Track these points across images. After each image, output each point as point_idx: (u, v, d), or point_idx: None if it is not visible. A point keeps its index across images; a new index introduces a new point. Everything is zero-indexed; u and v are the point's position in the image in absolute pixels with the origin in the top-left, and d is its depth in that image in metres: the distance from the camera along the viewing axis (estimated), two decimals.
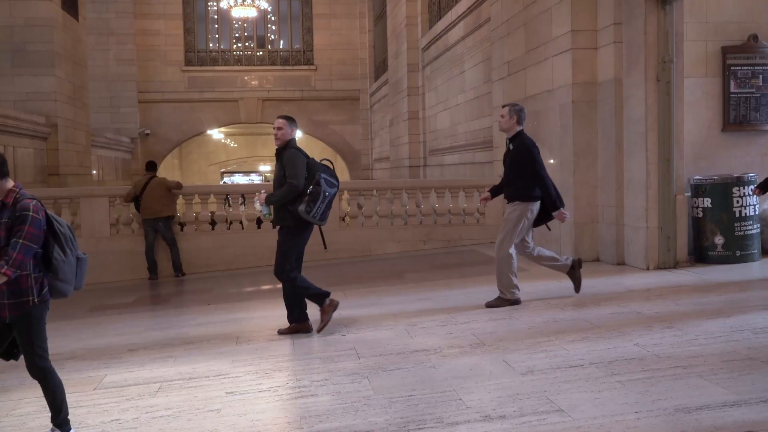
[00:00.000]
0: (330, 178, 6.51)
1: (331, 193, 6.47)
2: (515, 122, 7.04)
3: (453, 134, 17.08)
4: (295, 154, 6.57)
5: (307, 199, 6.36)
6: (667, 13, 8.41)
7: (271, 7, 28.38)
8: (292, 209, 6.43)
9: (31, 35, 17.03)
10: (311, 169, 6.48)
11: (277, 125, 6.73)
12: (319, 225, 6.63)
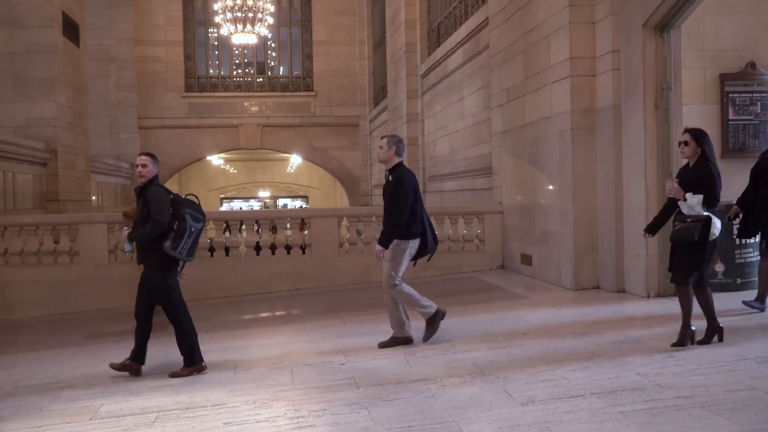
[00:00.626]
0: (195, 213, 6.46)
1: (197, 228, 6.41)
2: (394, 153, 6.89)
3: (452, 160, 17.10)
4: (158, 190, 6.48)
5: (172, 235, 6.28)
6: (665, 41, 8.45)
7: (271, 33, 28.54)
8: (157, 246, 6.31)
9: (33, 62, 17.12)
10: (176, 204, 6.41)
11: (141, 162, 6.55)
12: (186, 261, 6.49)
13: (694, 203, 5.81)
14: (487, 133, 13.69)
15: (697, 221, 5.79)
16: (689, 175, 6.00)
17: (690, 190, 5.86)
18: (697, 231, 5.76)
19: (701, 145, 5.98)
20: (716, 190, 5.82)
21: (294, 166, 37.89)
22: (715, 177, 5.84)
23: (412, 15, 20.06)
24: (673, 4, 8.04)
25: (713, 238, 5.79)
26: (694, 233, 5.78)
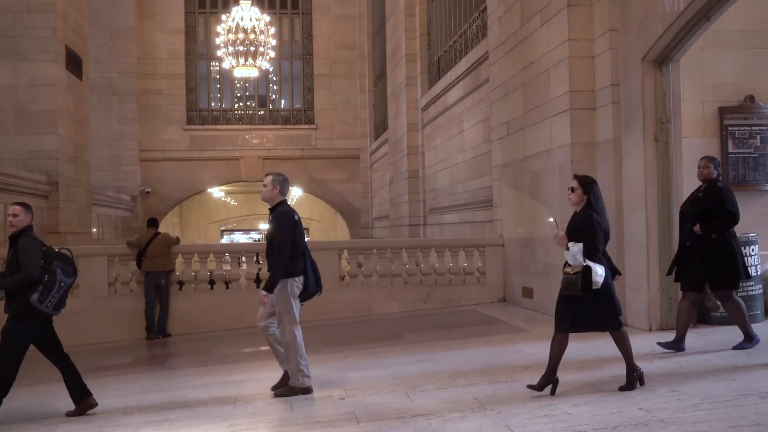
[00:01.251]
0: (67, 267, 6.35)
1: (67, 283, 6.31)
2: (278, 192, 6.74)
3: (453, 193, 17.12)
4: (29, 242, 6.35)
5: (41, 288, 6.17)
6: (663, 75, 8.51)
7: (273, 67, 28.76)
8: (23, 298, 6.20)
9: (35, 95, 17.21)
10: (48, 257, 6.30)
11: (12, 212, 6.42)
12: (53, 314, 6.38)
13: (575, 252, 5.68)
14: (487, 166, 13.73)
15: (578, 272, 5.66)
16: (571, 223, 5.90)
17: (573, 239, 5.75)
18: (579, 282, 5.63)
19: (587, 193, 5.88)
20: (596, 240, 5.67)
21: (295, 198, 37.92)
22: (595, 227, 5.70)
23: (412, 49, 20.24)
24: (671, 39, 8.11)
25: (597, 287, 5.59)
26: (577, 284, 5.64)
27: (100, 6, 26.84)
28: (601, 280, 5.62)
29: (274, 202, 6.75)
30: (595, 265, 5.63)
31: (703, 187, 7.33)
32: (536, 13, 10.46)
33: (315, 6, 30.45)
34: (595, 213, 5.80)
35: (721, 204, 7.12)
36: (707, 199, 7.20)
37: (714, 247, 7.12)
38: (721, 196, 7.16)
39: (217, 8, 29.80)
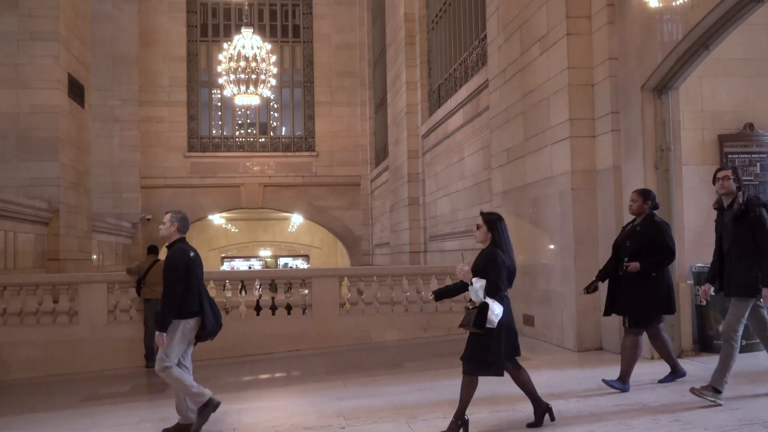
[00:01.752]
0: None
1: None
2: (176, 229, 6.73)
3: (453, 220, 17.12)
4: None
5: None
6: (663, 102, 8.54)
7: (274, 94, 28.92)
8: None
9: (37, 122, 17.29)
10: None
11: None
12: None
13: (477, 288, 5.61)
14: (487, 193, 13.74)
15: (476, 308, 5.58)
16: (477, 259, 5.84)
17: (477, 275, 5.68)
18: (473, 317, 5.55)
19: (492, 230, 5.81)
20: (499, 278, 5.60)
21: (295, 225, 37.97)
22: (500, 264, 5.63)
23: (412, 77, 20.36)
24: (670, 67, 8.16)
25: (492, 325, 5.50)
26: (471, 319, 5.56)
27: (103, 34, 27.09)
28: (497, 319, 5.51)
29: (172, 240, 6.71)
30: (494, 303, 5.53)
31: (639, 221, 7.17)
32: (536, 42, 10.54)
33: (316, 34, 30.69)
34: (499, 250, 5.71)
35: (661, 239, 7.02)
36: (645, 234, 7.04)
37: (648, 282, 6.96)
38: (660, 231, 7.05)
39: (219, 37, 30.04)
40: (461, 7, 16.75)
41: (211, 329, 6.56)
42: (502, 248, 5.75)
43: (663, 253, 7.00)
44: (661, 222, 7.19)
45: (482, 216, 5.93)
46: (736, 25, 7.50)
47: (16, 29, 17.20)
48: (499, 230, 5.83)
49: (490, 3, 12.79)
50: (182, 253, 6.59)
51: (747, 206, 6.35)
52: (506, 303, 5.67)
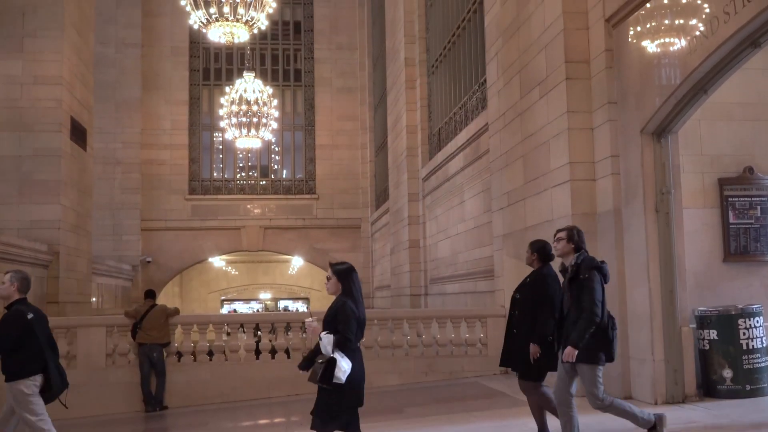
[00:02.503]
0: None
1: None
2: (15, 289, 6.60)
3: (454, 263, 17.09)
4: None
5: None
6: (662, 146, 8.57)
7: (275, 137, 29.14)
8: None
9: (39, 165, 17.34)
10: None
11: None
12: None
13: (325, 344, 5.48)
14: (488, 236, 13.74)
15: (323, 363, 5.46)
16: (328, 310, 5.71)
17: (328, 328, 5.55)
18: (320, 373, 5.43)
19: (342, 281, 5.70)
20: (349, 331, 5.48)
21: (295, 267, 37.91)
22: (349, 316, 5.50)
23: (413, 120, 20.50)
24: (669, 111, 8.21)
25: (339, 381, 5.38)
26: (318, 374, 5.44)
27: (106, 78, 27.36)
28: (344, 375, 5.40)
29: (11, 300, 6.60)
30: (343, 359, 5.42)
31: (530, 273, 7.01)
32: (535, 86, 10.62)
33: (317, 79, 31.00)
34: (350, 302, 5.60)
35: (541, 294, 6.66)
36: (532, 287, 6.78)
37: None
38: (544, 286, 6.69)
39: (221, 81, 30.33)
40: (461, 51, 16.93)
41: (57, 389, 6.53)
42: (354, 298, 5.63)
43: (542, 309, 6.61)
44: (547, 275, 6.81)
45: (332, 267, 5.80)
46: (734, 70, 7.56)
47: (20, 73, 17.35)
48: (351, 280, 5.71)
49: (490, 48, 12.93)
50: (17, 318, 6.48)
51: (578, 268, 6.18)
52: (357, 355, 5.57)
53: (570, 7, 9.60)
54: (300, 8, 31.62)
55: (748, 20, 6.71)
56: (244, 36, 13.49)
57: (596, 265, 6.21)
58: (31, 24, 17.46)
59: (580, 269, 6.18)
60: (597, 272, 6.17)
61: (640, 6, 8.47)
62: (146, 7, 29.65)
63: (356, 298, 5.65)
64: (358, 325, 5.59)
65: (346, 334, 5.48)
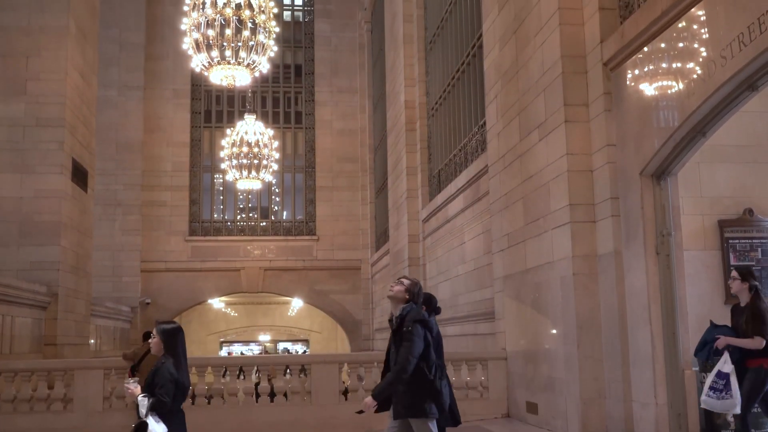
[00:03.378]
0: None
1: None
2: None
3: (454, 305, 17.01)
4: None
5: None
6: (662, 188, 8.60)
7: (276, 179, 29.24)
8: None
9: (40, 206, 17.37)
10: None
11: None
12: None
13: (141, 406, 5.37)
14: (488, 278, 13.70)
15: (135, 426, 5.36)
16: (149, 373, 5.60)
17: (148, 390, 5.45)
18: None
19: (166, 341, 5.61)
20: (164, 394, 5.39)
21: (295, 309, 37.73)
22: (166, 377, 5.42)
23: (413, 162, 20.58)
24: (668, 154, 8.24)
25: None
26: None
27: (108, 120, 27.58)
28: None
29: None
30: (157, 423, 5.31)
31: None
32: (535, 129, 10.69)
33: (318, 121, 31.22)
34: (170, 363, 5.53)
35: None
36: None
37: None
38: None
39: (222, 123, 30.55)
40: (461, 94, 17.07)
41: None
42: (176, 360, 5.56)
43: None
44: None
45: (157, 326, 5.72)
46: (732, 113, 7.62)
47: (23, 115, 17.47)
48: (176, 342, 5.64)
49: (489, 90, 13.04)
50: None
51: (403, 320, 6.12)
52: (176, 418, 5.50)
53: (568, 51, 9.70)
54: (301, 52, 31.98)
55: (745, 64, 6.78)
56: (246, 79, 13.60)
57: (420, 319, 6.09)
58: (34, 67, 17.64)
59: (404, 321, 6.09)
60: (420, 325, 6.06)
61: (637, 50, 8.56)
62: (149, 50, 29.98)
63: (179, 361, 5.56)
64: (177, 388, 5.48)
65: (161, 398, 5.38)
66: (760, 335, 7.26)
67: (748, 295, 7.50)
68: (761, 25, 6.49)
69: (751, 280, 7.50)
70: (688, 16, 7.69)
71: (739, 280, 7.54)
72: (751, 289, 7.48)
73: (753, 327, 7.32)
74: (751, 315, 7.37)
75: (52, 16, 17.87)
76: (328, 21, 31.71)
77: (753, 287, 7.48)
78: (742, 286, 7.52)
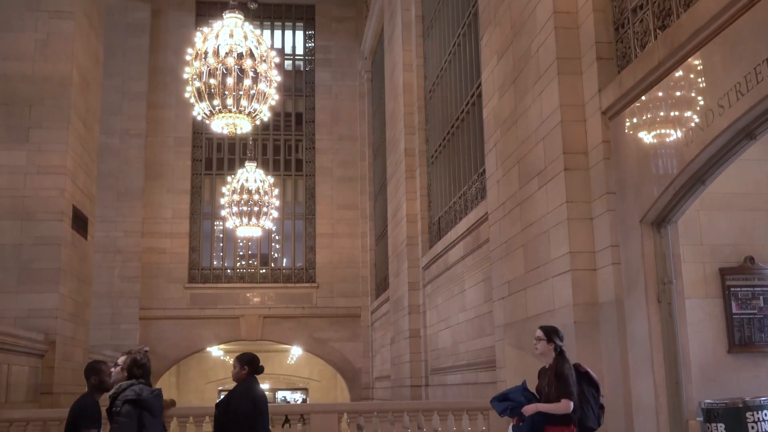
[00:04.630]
0: None
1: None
2: None
3: (455, 353, 16.87)
4: None
5: None
6: (662, 236, 8.58)
7: (276, 226, 29.25)
8: None
9: (39, 253, 17.33)
10: None
11: None
12: None
13: None
14: (489, 326, 13.61)
15: None
16: None
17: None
18: None
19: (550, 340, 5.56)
20: None
21: (294, 357, 37.43)
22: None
23: (413, 210, 20.62)
24: (667, 202, 8.25)
25: None
26: None
27: (109, 168, 27.75)
28: None
29: None
30: None
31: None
32: (534, 176, 10.72)
33: (318, 168, 31.36)
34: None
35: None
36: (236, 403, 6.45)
37: None
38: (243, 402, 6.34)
39: (222, 170, 30.70)
40: (460, 142, 17.18)
41: None
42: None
43: None
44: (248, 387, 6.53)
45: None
46: (731, 161, 7.65)
47: (24, 163, 17.55)
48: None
49: (489, 139, 13.12)
50: None
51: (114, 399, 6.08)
52: None
53: (567, 100, 9.78)
54: (302, 100, 32.28)
55: (743, 113, 6.83)
56: (247, 127, 13.68)
57: (132, 399, 5.94)
58: (37, 115, 17.78)
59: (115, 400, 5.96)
60: (132, 406, 5.91)
61: (635, 99, 8.64)
62: (151, 99, 30.25)
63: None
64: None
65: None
66: (567, 397, 6.77)
67: (553, 356, 7.04)
68: (758, 75, 6.55)
69: (557, 341, 7.02)
70: (685, 66, 7.78)
71: (544, 341, 7.06)
72: (555, 349, 7.01)
73: (557, 390, 6.83)
74: (554, 377, 6.89)
75: (56, 66, 18.08)
76: (329, 70, 32.08)
77: (558, 348, 7.01)
78: (548, 347, 7.05)
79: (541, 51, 10.41)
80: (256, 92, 13.21)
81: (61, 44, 18.22)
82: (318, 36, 32.36)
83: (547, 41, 10.18)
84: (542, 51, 10.38)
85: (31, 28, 18.11)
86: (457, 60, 17.64)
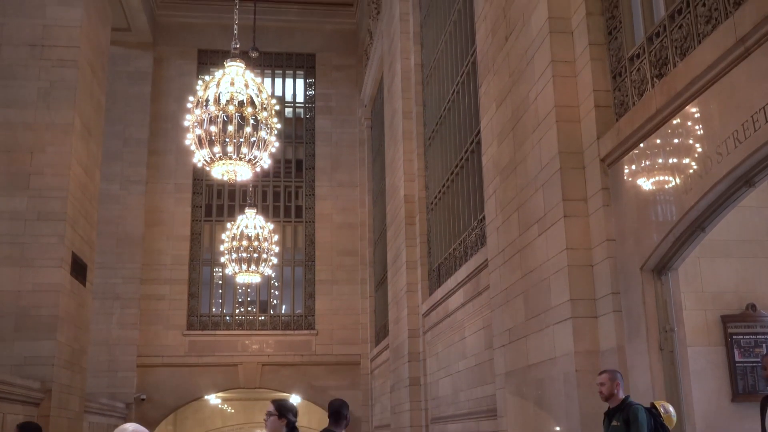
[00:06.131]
0: None
1: None
2: None
3: (455, 402, 16.68)
4: None
5: None
6: (663, 283, 8.55)
7: (275, 273, 29.15)
8: None
9: (37, 300, 17.27)
10: None
11: None
12: None
13: None
14: (490, 374, 13.47)
15: None
16: None
17: None
18: None
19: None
20: None
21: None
22: None
23: (412, 256, 20.57)
24: (668, 249, 8.24)
25: None
26: None
27: (109, 214, 27.75)
28: None
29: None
30: None
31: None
32: (534, 223, 10.72)
33: (318, 215, 31.38)
34: None
35: None
36: None
37: None
38: None
39: (222, 217, 30.70)
40: (459, 189, 17.22)
41: None
42: None
43: None
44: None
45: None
46: (730, 208, 7.66)
47: (24, 209, 17.60)
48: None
49: (488, 186, 13.16)
50: None
51: None
52: None
53: (565, 148, 9.84)
54: (302, 147, 32.45)
55: (741, 161, 6.86)
56: (247, 174, 13.74)
57: None
58: (38, 162, 17.88)
59: None
60: None
61: (634, 146, 8.69)
62: (152, 146, 30.41)
63: None
64: None
65: None
66: None
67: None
68: (755, 122, 6.60)
69: (290, 416, 6.60)
70: (683, 114, 7.84)
71: (275, 416, 6.55)
72: (288, 425, 6.58)
73: None
74: None
75: (58, 113, 18.23)
76: (329, 117, 32.32)
77: (291, 423, 6.60)
78: (280, 422, 6.55)
79: (540, 99, 10.50)
80: (256, 139, 13.30)
81: (64, 92, 18.42)
82: (318, 84, 32.67)
83: (546, 89, 10.28)
84: (540, 99, 10.47)
85: (34, 76, 18.32)
86: (456, 108, 17.78)
